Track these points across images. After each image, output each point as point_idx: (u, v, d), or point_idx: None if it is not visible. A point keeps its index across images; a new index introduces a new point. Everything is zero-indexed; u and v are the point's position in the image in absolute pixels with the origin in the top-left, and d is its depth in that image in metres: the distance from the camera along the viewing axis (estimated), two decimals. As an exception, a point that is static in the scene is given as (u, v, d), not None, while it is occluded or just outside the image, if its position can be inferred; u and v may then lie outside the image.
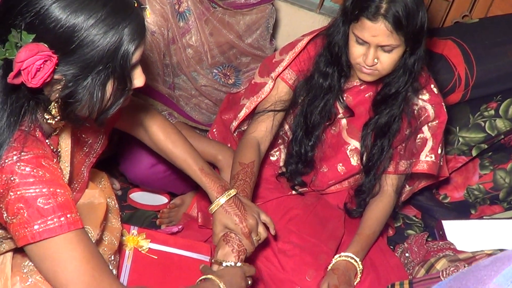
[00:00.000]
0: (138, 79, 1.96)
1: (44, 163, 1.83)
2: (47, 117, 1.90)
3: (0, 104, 1.79)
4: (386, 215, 2.88)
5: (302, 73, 2.84)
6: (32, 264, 1.99)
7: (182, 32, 3.05)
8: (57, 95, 1.81)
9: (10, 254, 2.07)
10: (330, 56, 2.76)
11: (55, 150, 2.03)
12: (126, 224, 2.65)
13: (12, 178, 1.78)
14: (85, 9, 1.73)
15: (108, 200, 2.43)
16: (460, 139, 3.45)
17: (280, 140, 3.05)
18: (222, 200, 2.41)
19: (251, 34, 3.22)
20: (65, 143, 2.07)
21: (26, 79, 1.69)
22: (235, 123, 2.99)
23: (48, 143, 1.96)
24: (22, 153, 1.79)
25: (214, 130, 3.22)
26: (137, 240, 2.56)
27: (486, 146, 3.48)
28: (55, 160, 1.91)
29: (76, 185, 2.22)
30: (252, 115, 2.95)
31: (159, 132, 2.50)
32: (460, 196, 3.60)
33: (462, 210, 3.58)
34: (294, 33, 3.33)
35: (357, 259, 2.67)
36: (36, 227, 1.79)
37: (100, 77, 1.79)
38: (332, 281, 2.58)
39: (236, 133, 3.04)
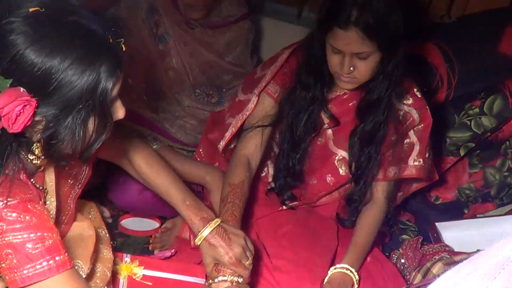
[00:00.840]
0: (119, 111, 1.95)
1: (30, 207, 1.83)
2: (31, 157, 1.90)
3: None
4: (379, 223, 2.87)
5: (285, 86, 2.84)
6: None
7: (162, 55, 3.05)
8: (39, 136, 1.80)
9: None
10: (310, 68, 2.76)
11: (41, 187, 2.02)
12: (119, 252, 2.64)
13: None
14: (60, 51, 1.71)
15: (98, 230, 2.43)
16: (448, 139, 3.46)
17: (267, 156, 3.03)
18: (205, 233, 2.38)
19: (231, 52, 3.23)
20: (50, 178, 2.07)
21: (7, 125, 1.68)
22: (222, 143, 2.97)
23: (33, 182, 1.96)
24: (8, 199, 1.79)
25: (200, 150, 3.21)
26: (131, 268, 2.55)
27: (473, 145, 3.49)
28: (41, 202, 1.91)
29: (63, 217, 2.22)
30: (239, 133, 2.95)
31: (143, 164, 2.49)
32: (451, 196, 3.61)
33: (455, 211, 3.59)
34: (275, 46, 3.33)
35: (353, 270, 2.66)
36: (25, 271, 1.80)
37: (80, 116, 1.78)
38: None
39: (224, 153, 3.03)
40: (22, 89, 1.70)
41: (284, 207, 2.98)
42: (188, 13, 2.95)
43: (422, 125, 2.85)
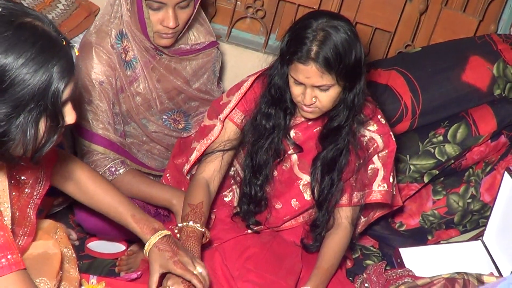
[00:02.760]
0: (69, 116, 1.96)
1: None
2: None
3: None
4: (343, 248, 2.89)
5: (249, 113, 2.87)
6: None
7: (130, 80, 3.06)
8: None
9: None
10: (271, 97, 2.79)
11: None
12: (85, 274, 2.63)
13: None
14: (15, 49, 1.74)
15: (64, 250, 2.42)
16: (411, 166, 3.49)
17: (232, 181, 3.06)
18: (154, 239, 2.38)
19: (199, 79, 3.25)
20: (2, 184, 2.06)
21: None
22: (187, 167, 2.99)
23: None
24: None
25: (167, 175, 3.22)
26: (97, 289, 2.56)
27: (437, 172, 3.53)
28: None
29: (25, 229, 2.21)
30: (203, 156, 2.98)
31: (89, 182, 2.49)
32: (415, 223, 3.63)
33: (418, 237, 3.61)
34: (241, 74, 3.37)
35: None
36: None
37: (32, 115, 1.80)
38: None
39: (189, 176, 3.05)
40: None
41: (249, 231, 2.99)
42: (157, 40, 2.96)
43: (386, 151, 2.88)
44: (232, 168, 3.03)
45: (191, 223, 2.57)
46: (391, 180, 2.92)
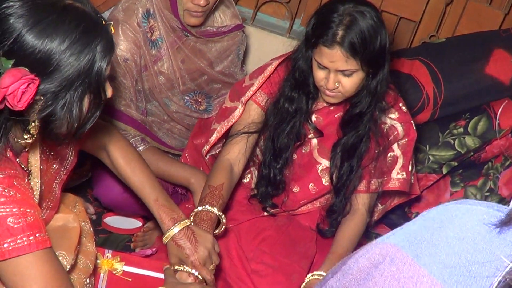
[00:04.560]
0: (108, 90, 2.03)
1: (15, 183, 1.88)
2: (25, 136, 1.94)
3: None
4: (358, 234, 2.89)
5: (272, 96, 2.88)
6: None
7: (154, 59, 3.08)
8: (37, 115, 1.86)
9: None
10: (294, 81, 2.80)
11: (25, 168, 2.06)
12: (101, 248, 2.66)
13: None
14: (59, 33, 1.80)
15: (82, 224, 2.45)
16: (431, 157, 3.48)
17: (251, 163, 3.06)
18: (173, 232, 2.42)
19: (222, 61, 3.26)
20: (35, 160, 2.10)
21: (13, 103, 1.74)
22: (206, 147, 3.01)
23: (19, 162, 2.00)
24: None
25: (186, 154, 3.24)
26: (112, 263, 2.57)
27: (456, 164, 3.51)
28: (26, 180, 1.96)
29: (48, 202, 2.25)
30: (223, 139, 2.99)
31: (120, 158, 2.52)
32: (432, 213, 3.62)
33: (434, 227, 3.61)
34: (264, 57, 3.36)
35: None
36: (5, 245, 1.83)
37: (77, 94, 1.86)
38: None
39: (207, 157, 3.06)
40: (25, 68, 1.76)
41: (265, 213, 3.01)
42: (187, 19, 2.97)
43: (406, 139, 2.88)
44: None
45: (207, 206, 2.58)
46: (410, 168, 2.92)
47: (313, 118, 2.89)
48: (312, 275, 2.68)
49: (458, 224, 1.13)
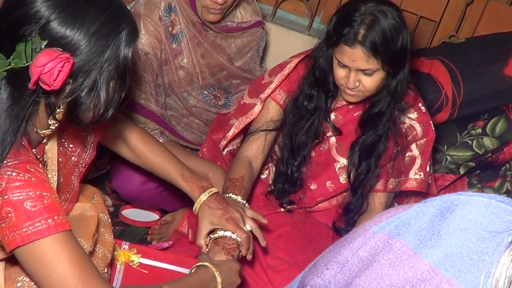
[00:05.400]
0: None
1: (30, 168, 1.88)
2: (50, 122, 1.96)
3: (5, 111, 1.84)
4: None
5: (291, 94, 2.89)
6: (27, 279, 2.04)
7: (175, 53, 3.09)
8: (64, 99, 1.88)
9: (1, 264, 2.10)
10: (314, 79, 2.81)
11: (41, 159, 2.07)
12: (118, 240, 2.66)
13: None
14: (86, 19, 1.83)
15: (100, 214, 2.46)
16: (448, 157, 3.47)
17: (269, 159, 3.08)
18: (203, 197, 2.46)
19: (242, 57, 3.26)
20: (51, 152, 2.12)
21: (49, 81, 1.76)
22: (223, 142, 3.03)
23: (35, 152, 2.01)
24: (8, 159, 1.85)
25: (204, 149, 3.25)
26: (128, 255, 2.58)
27: (473, 164, 3.50)
28: (40, 165, 1.96)
29: (67, 195, 2.27)
30: (240, 134, 3.01)
31: (138, 142, 2.56)
32: (449, 214, 3.61)
33: (450, 228, 3.59)
34: (283, 54, 3.37)
35: None
36: (24, 229, 1.84)
37: (104, 78, 1.89)
38: None
39: (225, 152, 3.08)
40: (58, 49, 1.79)
41: (282, 209, 3.01)
42: (205, 15, 2.97)
43: (425, 139, 2.88)
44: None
45: (231, 194, 2.60)
46: (427, 169, 2.91)
47: (332, 116, 2.90)
48: None
49: (460, 215, 1.13)
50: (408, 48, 2.62)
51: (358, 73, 2.61)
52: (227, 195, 2.60)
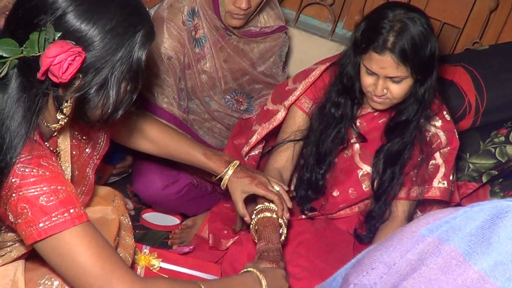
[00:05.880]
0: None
1: (43, 163, 1.88)
2: (59, 117, 1.95)
3: (15, 102, 1.84)
4: None
5: (317, 101, 2.89)
6: (49, 283, 2.04)
7: (198, 58, 3.09)
8: (72, 94, 1.88)
9: (21, 266, 2.11)
10: (342, 86, 2.80)
11: (54, 150, 2.08)
12: (138, 243, 2.68)
13: (13, 180, 1.83)
14: (102, 15, 1.83)
15: (121, 217, 2.46)
16: (471, 165, 3.44)
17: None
18: (230, 171, 2.61)
19: (265, 62, 3.26)
20: (64, 144, 2.13)
21: (57, 73, 1.76)
22: (246, 148, 3.03)
23: (48, 145, 2.02)
24: (21, 155, 1.84)
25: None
26: (149, 259, 2.59)
27: (496, 173, 3.47)
28: (54, 158, 1.95)
29: (83, 188, 2.27)
30: (263, 140, 3.01)
31: (155, 132, 2.62)
32: (471, 222, 3.57)
33: (473, 236, 3.56)
34: (306, 59, 3.37)
35: None
36: (41, 225, 1.84)
37: (115, 77, 1.88)
38: None
39: (247, 158, 3.07)
40: (71, 42, 1.78)
41: (304, 216, 3.00)
42: (229, 20, 2.97)
43: (449, 148, 2.86)
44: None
45: (267, 212, 2.63)
46: (451, 177, 2.90)
47: (357, 123, 2.89)
48: None
49: (510, 223, 1.11)
50: (436, 56, 2.61)
51: (386, 80, 2.60)
52: (263, 205, 2.64)
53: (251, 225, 2.61)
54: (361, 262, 1.22)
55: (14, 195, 1.83)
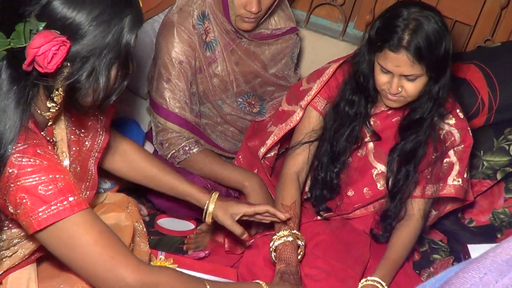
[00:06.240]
0: (132, 63, 2.03)
1: (40, 152, 1.88)
2: (49, 105, 1.95)
3: (5, 93, 1.84)
4: (413, 240, 2.88)
5: (331, 99, 2.88)
6: None
7: (209, 61, 3.08)
8: (62, 82, 1.88)
9: (33, 276, 2.11)
10: (356, 84, 2.80)
11: (51, 140, 2.08)
12: (154, 250, 2.68)
13: (10, 171, 1.83)
14: (88, 2, 1.82)
15: (135, 224, 2.47)
16: (485, 162, 3.43)
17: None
18: (213, 200, 2.63)
19: (276, 64, 3.25)
20: (61, 135, 2.13)
21: (43, 64, 1.76)
22: (263, 150, 3.02)
23: (43, 134, 2.02)
24: (17, 145, 1.84)
25: (240, 157, 3.24)
26: (165, 265, 2.58)
27: (511, 169, 3.46)
28: (50, 147, 1.95)
29: (87, 183, 2.26)
30: (278, 142, 3.00)
31: (136, 156, 2.64)
32: (485, 220, 3.57)
33: (488, 234, 3.55)
34: (317, 60, 3.36)
35: (383, 284, 2.67)
36: (40, 213, 1.84)
37: (104, 63, 1.87)
38: None
39: (263, 160, 3.07)
40: (56, 31, 1.78)
41: (319, 217, 3.00)
42: (239, 24, 2.97)
43: (463, 146, 2.86)
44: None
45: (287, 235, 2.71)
46: (465, 175, 2.89)
47: (371, 121, 2.88)
48: (366, 281, 2.69)
49: None
50: (451, 53, 2.61)
51: (401, 78, 2.60)
52: (286, 231, 2.72)
53: (270, 246, 2.70)
54: (451, 284, 1.18)
55: (12, 185, 1.84)
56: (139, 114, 3.53)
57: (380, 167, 2.90)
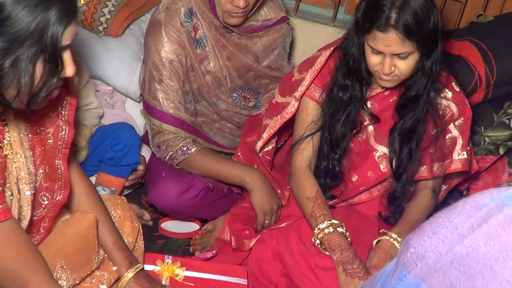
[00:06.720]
0: (69, 67, 1.91)
1: None
2: None
3: None
4: (428, 209, 2.87)
5: (326, 87, 2.86)
6: None
7: (200, 58, 3.05)
8: None
9: None
10: (347, 68, 2.78)
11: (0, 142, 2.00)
12: (160, 254, 2.67)
13: None
14: None
15: (134, 223, 2.50)
16: (486, 138, 3.42)
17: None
18: (131, 274, 2.35)
19: (269, 55, 3.23)
20: (13, 136, 2.04)
21: None
22: (260, 143, 2.99)
23: None
24: None
25: (239, 153, 3.22)
26: (173, 269, 2.58)
27: (513, 144, 3.46)
28: None
29: (59, 182, 2.17)
30: (275, 134, 2.98)
31: (83, 194, 2.41)
32: (490, 196, 3.55)
33: (493, 210, 3.54)
34: (310, 48, 3.33)
35: (400, 240, 2.67)
36: None
37: (28, 54, 1.77)
38: (372, 261, 2.65)
39: (261, 153, 3.04)
40: None
41: (324, 206, 2.97)
42: (227, 19, 2.94)
43: (462, 119, 2.86)
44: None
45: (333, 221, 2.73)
46: (468, 147, 2.90)
47: (368, 104, 2.87)
48: (385, 234, 2.74)
49: None
50: (440, 27, 2.60)
51: (393, 57, 2.58)
52: (324, 223, 2.71)
53: (314, 239, 2.70)
54: (422, 228, 1.22)
55: None
56: (133, 117, 3.49)
57: (382, 149, 2.88)
